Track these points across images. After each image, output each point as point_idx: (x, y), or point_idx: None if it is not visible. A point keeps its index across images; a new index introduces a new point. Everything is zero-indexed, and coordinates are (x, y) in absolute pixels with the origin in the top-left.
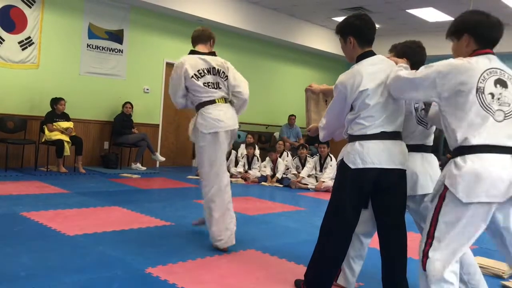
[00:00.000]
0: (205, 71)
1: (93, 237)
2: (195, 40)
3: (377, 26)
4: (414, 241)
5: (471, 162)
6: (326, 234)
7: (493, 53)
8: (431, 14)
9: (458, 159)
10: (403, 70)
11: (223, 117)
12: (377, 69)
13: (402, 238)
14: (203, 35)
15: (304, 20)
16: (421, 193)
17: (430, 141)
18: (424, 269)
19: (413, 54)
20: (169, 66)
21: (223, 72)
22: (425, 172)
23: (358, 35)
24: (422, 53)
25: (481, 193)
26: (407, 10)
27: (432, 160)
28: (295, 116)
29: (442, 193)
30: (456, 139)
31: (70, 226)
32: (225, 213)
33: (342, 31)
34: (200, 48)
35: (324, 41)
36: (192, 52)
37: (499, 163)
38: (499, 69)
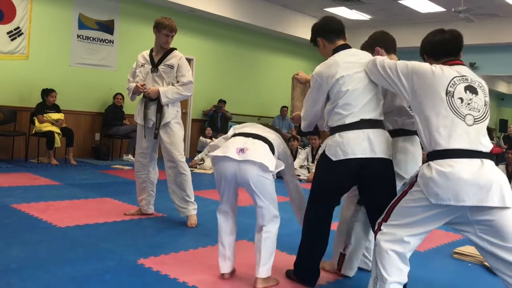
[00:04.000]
0: None
1: (84, 229)
2: None
3: (369, 17)
4: None
5: (442, 167)
6: (308, 224)
7: (461, 64)
8: (423, 5)
9: (432, 163)
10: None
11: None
12: (355, 59)
13: None
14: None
15: (296, 11)
16: None
17: None
18: (375, 238)
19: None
20: None
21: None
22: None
23: (322, 33)
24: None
25: (450, 196)
26: (398, 1)
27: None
28: (287, 107)
29: (413, 182)
30: (429, 143)
31: (62, 218)
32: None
33: (312, 39)
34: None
35: None
36: None
37: (469, 168)
38: (469, 76)
